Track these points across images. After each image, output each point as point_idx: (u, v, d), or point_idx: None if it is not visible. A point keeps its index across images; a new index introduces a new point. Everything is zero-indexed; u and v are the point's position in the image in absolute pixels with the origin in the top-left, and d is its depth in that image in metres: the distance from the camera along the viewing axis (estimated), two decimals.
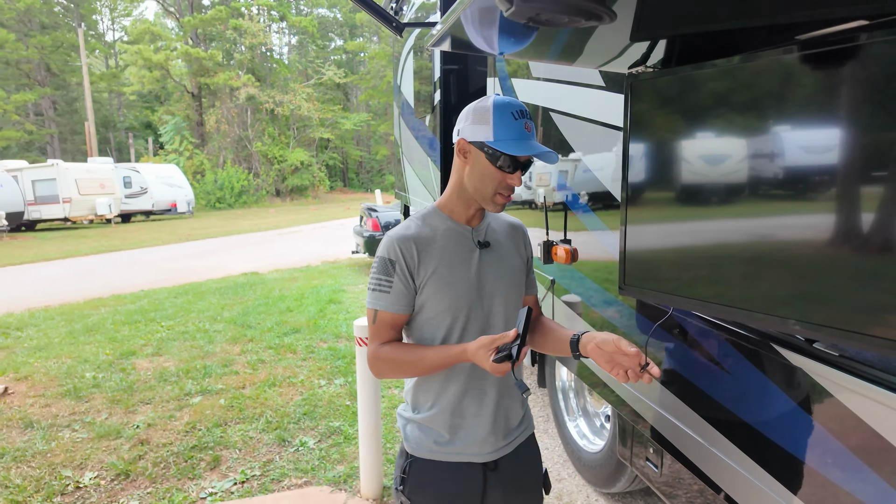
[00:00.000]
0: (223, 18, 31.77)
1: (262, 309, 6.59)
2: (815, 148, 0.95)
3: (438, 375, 1.31)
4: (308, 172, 33.72)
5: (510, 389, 1.36)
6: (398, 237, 1.27)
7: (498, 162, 1.20)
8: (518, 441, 1.41)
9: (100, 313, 6.55)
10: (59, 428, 3.53)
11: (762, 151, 1.03)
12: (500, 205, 1.25)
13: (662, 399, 1.75)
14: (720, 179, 1.11)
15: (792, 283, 1.00)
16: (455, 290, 1.26)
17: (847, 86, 0.89)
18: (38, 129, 31.02)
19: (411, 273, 1.26)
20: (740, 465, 1.38)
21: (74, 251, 12.95)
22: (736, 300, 1.07)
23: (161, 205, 22.30)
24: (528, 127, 1.19)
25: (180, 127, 32.01)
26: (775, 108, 0.99)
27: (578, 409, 3.08)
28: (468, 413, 1.32)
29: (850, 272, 0.92)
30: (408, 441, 1.38)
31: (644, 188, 1.25)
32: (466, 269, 1.28)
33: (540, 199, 2.67)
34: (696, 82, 1.08)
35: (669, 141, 1.19)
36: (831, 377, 1.10)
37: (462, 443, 1.32)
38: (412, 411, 1.38)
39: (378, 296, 1.27)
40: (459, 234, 1.30)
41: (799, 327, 0.95)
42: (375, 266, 1.29)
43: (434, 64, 4.40)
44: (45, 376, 4.42)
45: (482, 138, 1.20)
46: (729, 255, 1.11)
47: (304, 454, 3.18)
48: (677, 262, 1.21)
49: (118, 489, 2.87)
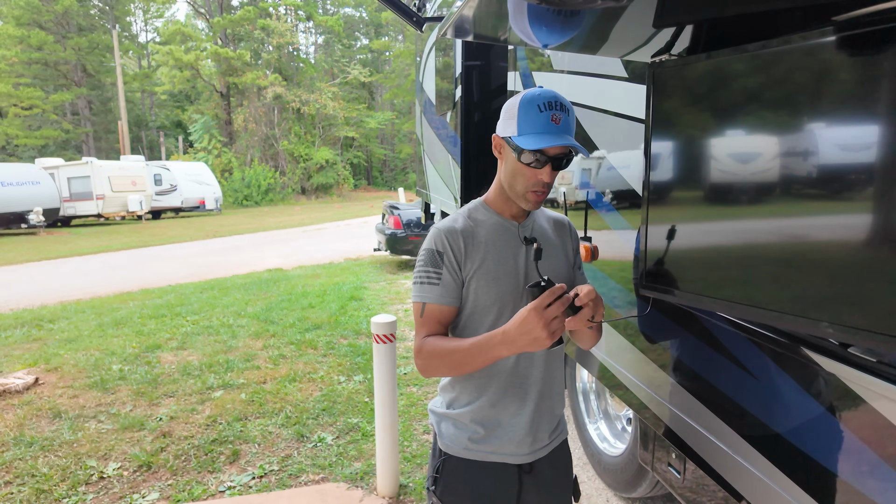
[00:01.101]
0: (251, 19, 32.27)
1: (285, 305, 6.65)
2: (850, 143, 0.88)
3: (480, 371, 1.27)
4: (333, 171, 34.05)
5: (551, 391, 1.33)
6: (446, 229, 1.26)
7: (522, 157, 1.16)
8: (553, 444, 1.38)
9: (128, 307, 6.70)
10: (85, 419, 3.61)
11: (793, 146, 0.97)
12: (534, 202, 1.21)
13: (684, 403, 1.69)
14: (747, 176, 1.05)
15: (823, 285, 0.94)
16: (501, 285, 1.24)
17: (889, 72, 0.82)
18: (74, 128, 31.99)
19: (459, 265, 1.24)
20: (765, 475, 1.31)
21: (106, 246, 13.31)
22: (763, 301, 1.01)
23: (190, 202, 22.79)
24: (555, 119, 1.13)
25: (209, 126, 32.65)
26: (808, 98, 0.93)
27: (599, 412, 3.01)
28: (508, 410, 1.29)
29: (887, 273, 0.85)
30: (442, 438, 1.34)
31: (667, 184, 1.20)
32: (513, 264, 1.26)
33: (560, 197, 2.61)
34: (722, 70, 1.02)
35: (694, 134, 1.13)
36: (865, 383, 1.03)
37: (499, 441, 1.29)
38: (447, 407, 1.35)
39: (426, 288, 1.24)
40: (505, 230, 1.29)
41: (831, 330, 0.89)
42: (422, 258, 1.26)
43: (455, 60, 4.36)
44: (74, 368, 4.53)
45: (509, 133, 1.18)
46: (756, 255, 1.05)
47: (322, 450, 3.19)
48: (700, 262, 1.15)
49: (140, 480, 2.92)
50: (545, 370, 1.31)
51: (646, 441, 2.13)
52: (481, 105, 4.19)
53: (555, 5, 0.81)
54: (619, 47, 1.37)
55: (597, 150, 2.14)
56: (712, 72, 1.06)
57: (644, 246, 1.20)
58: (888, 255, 0.86)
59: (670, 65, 1.11)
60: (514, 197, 1.24)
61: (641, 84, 1.79)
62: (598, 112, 2.10)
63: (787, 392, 1.26)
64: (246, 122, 32.43)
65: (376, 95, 42.04)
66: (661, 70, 1.10)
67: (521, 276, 1.27)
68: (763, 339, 1.30)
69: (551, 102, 1.14)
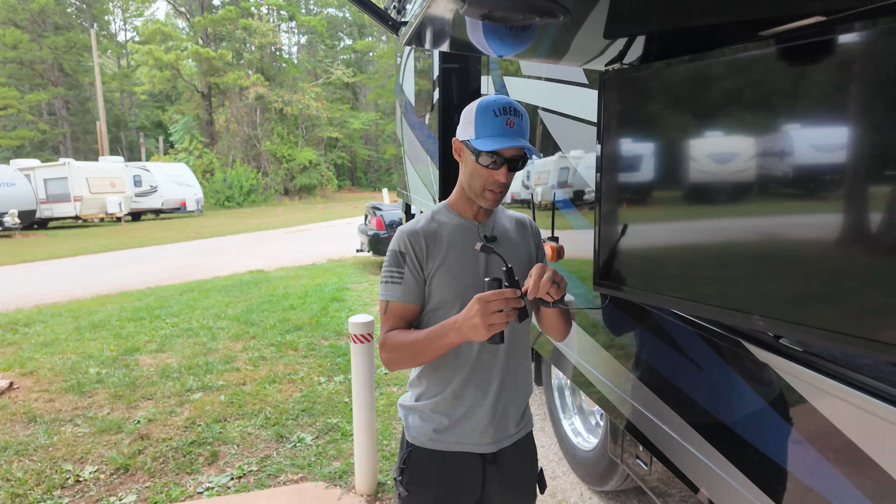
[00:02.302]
0: (233, 18, 31.98)
1: (266, 306, 6.64)
2: (784, 147, 0.95)
3: (445, 365, 1.34)
4: (316, 171, 33.86)
5: (514, 382, 1.39)
6: (408, 231, 1.33)
7: (479, 159, 1.23)
8: (518, 436, 1.43)
9: (106, 310, 6.63)
10: (61, 423, 3.58)
11: (734, 149, 1.03)
12: (491, 200, 1.28)
13: (648, 400, 1.75)
14: (692, 178, 1.11)
15: (764, 282, 0.99)
16: (462, 281, 1.30)
17: (817, 81, 0.89)
18: (51, 128, 31.41)
19: (420, 264, 1.30)
20: (719, 467, 1.37)
21: (84, 249, 13.11)
22: (705, 297, 1.07)
23: (170, 203, 22.51)
24: (510, 123, 1.21)
25: (190, 126, 32.28)
26: (741, 103, 0.99)
27: (574, 407, 3.08)
28: (470, 401, 1.34)
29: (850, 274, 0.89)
30: (409, 430, 1.40)
31: (618, 185, 1.25)
32: (473, 261, 1.32)
33: (528, 197, 2.67)
34: (665, 79, 1.08)
35: (640, 137, 1.19)
36: (805, 377, 1.09)
37: (462, 431, 1.34)
38: (415, 400, 1.41)
39: (389, 287, 1.32)
40: (466, 229, 1.35)
41: (763, 323, 0.95)
42: (387, 259, 1.34)
43: (433, 63, 4.41)
44: (50, 372, 4.48)
45: (467, 137, 1.25)
46: (699, 252, 1.11)
47: (302, 450, 3.21)
48: (650, 260, 1.21)
49: (117, 483, 2.91)
50: (507, 362, 1.36)
51: (615, 435, 2.19)
52: (460, 107, 4.23)
53: (496, 21, 0.86)
54: (578, 57, 1.42)
55: (563, 152, 2.20)
56: (657, 79, 1.12)
57: (597, 245, 1.25)
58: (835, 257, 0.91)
59: (618, 73, 1.17)
60: (473, 196, 1.31)
61: None
62: (563, 117, 2.17)
63: (738, 388, 1.32)
64: (228, 123, 32.11)
65: (360, 96, 41.91)
66: (611, 78, 1.16)
67: (482, 273, 1.33)
68: (711, 334, 1.36)
69: (506, 108, 1.21)
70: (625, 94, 1.17)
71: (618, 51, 1.24)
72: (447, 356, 1.34)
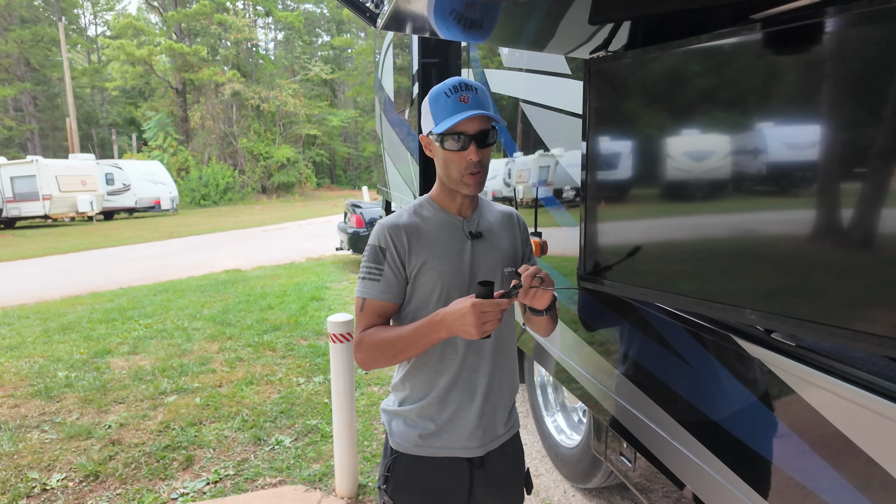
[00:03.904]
0: (208, 13, 31.35)
1: (243, 307, 6.51)
2: (780, 137, 0.92)
3: (429, 367, 1.29)
4: (294, 169, 33.45)
5: (501, 382, 1.35)
6: (389, 225, 1.26)
7: (445, 144, 1.18)
8: (505, 438, 1.39)
9: (76, 311, 6.43)
10: (27, 429, 3.44)
11: (723, 139, 1.00)
12: (472, 184, 1.22)
13: (629, 395, 1.73)
14: (683, 169, 1.08)
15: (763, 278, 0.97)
16: (446, 279, 1.25)
17: (807, 68, 0.86)
18: (17, 124, 30.44)
19: (402, 261, 1.25)
20: (705, 463, 1.36)
21: (54, 249, 12.72)
22: (692, 291, 1.05)
23: (144, 202, 22.01)
24: (463, 98, 1.16)
25: (164, 123, 31.59)
26: (729, 91, 0.96)
27: (557, 405, 3.06)
28: (457, 405, 1.29)
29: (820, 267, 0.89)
30: (393, 436, 1.34)
31: (604, 178, 1.22)
32: (458, 258, 1.27)
33: (511, 193, 2.63)
34: (651, 66, 1.05)
35: (628, 128, 1.15)
36: (792, 370, 1.08)
37: (449, 435, 1.29)
38: (398, 405, 1.35)
39: (368, 284, 1.26)
40: (451, 225, 1.29)
41: (755, 316, 0.92)
42: (366, 255, 1.27)
43: (412, 57, 4.35)
44: (16, 376, 4.31)
45: (429, 129, 1.21)
46: (685, 247, 1.08)
47: (280, 453, 3.13)
48: (635, 254, 1.18)
49: (87, 491, 2.80)
50: (493, 362, 1.32)
51: (599, 432, 2.17)
52: None
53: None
54: (562, 44, 1.39)
55: (546, 146, 2.17)
56: (650, 67, 1.09)
57: (583, 240, 1.22)
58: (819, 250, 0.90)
59: (604, 60, 1.13)
60: (454, 186, 1.24)
61: None
62: (546, 109, 2.13)
63: (723, 383, 1.31)
64: (203, 120, 31.49)
65: (339, 93, 41.50)
66: (596, 66, 1.13)
67: (467, 271, 1.27)
68: (697, 329, 1.34)
69: (456, 86, 1.17)
70: (611, 83, 1.13)
71: (603, 38, 1.20)
72: (431, 358, 1.29)
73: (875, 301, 0.81)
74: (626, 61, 1.08)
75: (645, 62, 1.05)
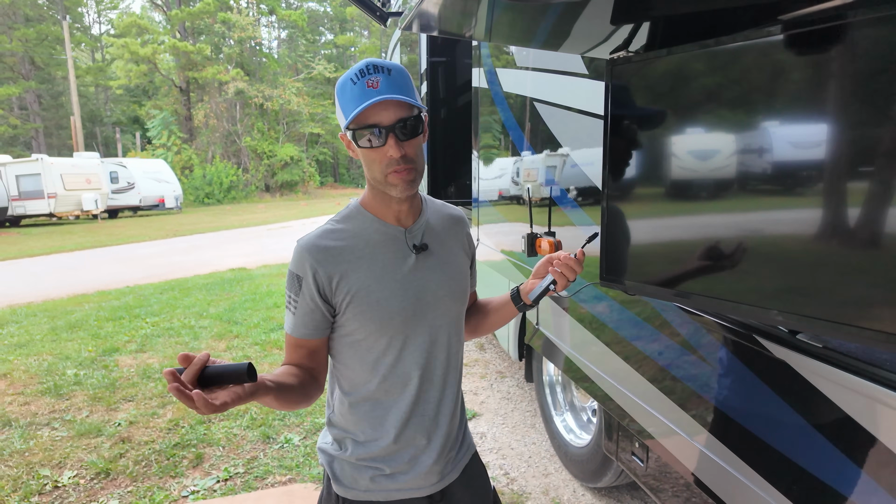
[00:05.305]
0: (211, 12, 31.40)
1: (249, 305, 6.52)
2: (805, 139, 0.92)
3: (370, 403, 1.12)
4: (298, 168, 33.53)
5: (454, 407, 1.19)
6: (308, 246, 1.05)
7: (359, 140, 0.99)
8: (463, 462, 1.23)
9: (83, 310, 6.45)
10: (38, 426, 3.46)
11: (740, 141, 1.00)
12: (399, 183, 1.01)
13: (646, 393, 1.73)
14: (703, 171, 1.08)
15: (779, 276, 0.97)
16: (386, 309, 1.05)
17: (832, 71, 0.86)
18: (22, 123, 30.56)
19: (323, 293, 1.04)
20: (725, 461, 1.36)
21: (59, 247, 12.77)
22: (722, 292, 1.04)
23: (148, 200, 22.07)
24: (371, 83, 0.96)
25: (168, 122, 31.67)
26: (753, 95, 0.96)
27: (565, 404, 3.06)
28: (412, 445, 1.13)
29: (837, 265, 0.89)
30: (337, 482, 1.15)
31: (625, 178, 1.22)
32: (399, 280, 1.07)
33: (525, 193, 2.63)
34: (682, 67, 1.04)
35: (651, 130, 1.15)
36: (816, 370, 1.08)
37: (405, 477, 1.13)
38: (339, 447, 1.16)
39: (286, 314, 1.08)
40: (390, 238, 1.09)
41: (782, 318, 0.92)
42: (287, 279, 1.09)
43: (420, 56, 4.35)
44: (25, 374, 4.33)
45: (343, 125, 1.01)
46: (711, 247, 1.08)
47: (289, 451, 3.14)
48: (658, 254, 1.18)
49: (98, 488, 2.81)
50: (444, 383, 1.16)
51: (610, 431, 2.17)
52: (447, 101, 4.19)
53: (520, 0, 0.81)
54: (579, 44, 1.38)
55: (558, 146, 2.17)
56: (673, 68, 1.09)
57: (603, 239, 1.22)
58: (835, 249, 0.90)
59: (630, 61, 1.13)
60: (380, 188, 1.05)
61: (599, 80, 1.82)
62: (560, 108, 2.13)
63: (743, 380, 1.30)
64: (207, 118, 31.58)
65: None
66: (619, 66, 1.13)
67: (412, 293, 1.08)
68: (720, 329, 1.34)
69: (363, 70, 0.98)
70: (634, 82, 1.13)
71: (623, 38, 1.20)
72: (369, 391, 1.10)
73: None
74: (650, 61, 1.08)
75: (669, 62, 1.04)
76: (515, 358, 3.34)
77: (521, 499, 2.69)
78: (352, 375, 1.12)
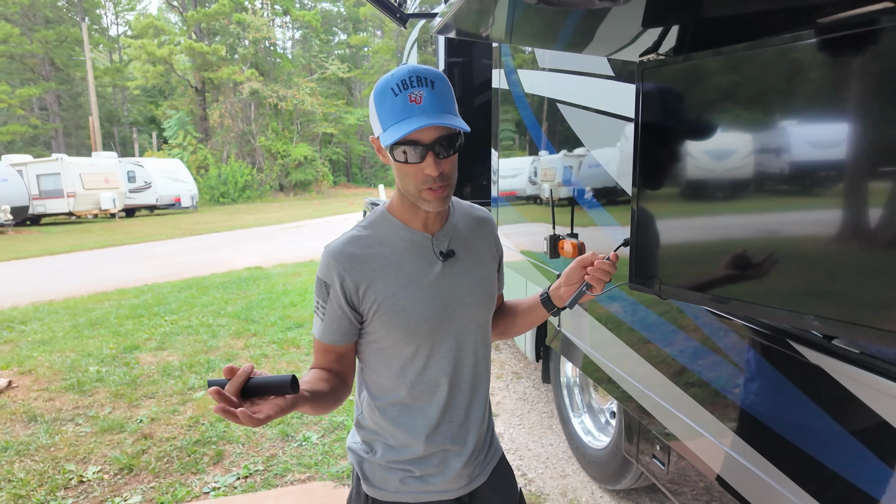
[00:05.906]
0: (227, 13, 31.73)
1: (266, 304, 6.58)
2: (827, 141, 0.91)
3: (398, 409, 1.12)
4: (311, 167, 33.75)
5: (483, 412, 1.20)
6: (335, 253, 1.05)
7: (395, 155, 0.96)
8: (491, 465, 1.24)
9: (104, 307, 6.56)
10: (62, 422, 3.52)
11: (772, 145, 0.99)
12: (433, 200, 1.00)
13: (671, 395, 1.72)
14: (730, 174, 1.07)
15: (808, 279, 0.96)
16: (413, 317, 1.05)
17: (866, 74, 0.85)
18: (42, 123, 31.12)
19: (350, 300, 1.05)
20: (752, 463, 1.35)
21: (79, 245, 12.98)
22: (751, 296, 1.04)
23: (165, 199, 22.35)
24: (415, 98, 0.91)
25: (184, 122, 32.06)
26: (783, 99, 0.95)
27: (583, 406, 3.05)
28: (442, 450, 1.14)
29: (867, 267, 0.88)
30: (367, 482, 1.16)
31: (656, 180, 1.22)
32: (426, 287, 1.07)
33: (546, 194, 2.63)
34: (708, 70, 1.04)
35: (683, 133, 1.15)
36: (849, 373, 1.07)
37: (435, 479, 1.14)
38: (369, 449, 1.17)
39: (315, 320, 1.10)
40: (416, 245, 1.08)
41: (817, 323, 0.92)
42: (315, 285, 1.09)
43: (438, 57, 4.36)
44: (49, 370, 4.42)
45: (378, 133, 0.98)
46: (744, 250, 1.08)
47: (308, 449, 3.17)
48: (691, 258, 1.17)
49: (121, 483, 2.86)
50: (473, 387, 1.17)
51: (630, 434, 2.16)
52: (464, 102, 4.19)
53: (552, 6, 0.82)
54: (605, 46, 1.38)
55: (582, 147, 2.17)
56: (704, 71, 1.08)
57: (633, 243, 1.22)
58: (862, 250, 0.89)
59: (660, 64, 1.13)
60: (413, 200, 1.03)
61: (625, 82, 1.81)
62: (585, 110, 2.13)
63: (771, 383, 1.30)
64: (222, 118, 31.93)
65: (355, 91, 41.70)
66: (650, 69, 1.12)
67: (438, 301, 1.08)
68: (747, 332, 1.33)
69: (405, 81, 0.92)
70: (665, 85, 1.13)
71: (652, 40, 1.20)
72: (398, 396, 1.11)
73: None
74: (682, 64, 1.08)
75: (702, 65, 1.04)
76: (532, 359, 3.34)
77: (538, 500, 2.69)
78: (379, 380, 1.14)
